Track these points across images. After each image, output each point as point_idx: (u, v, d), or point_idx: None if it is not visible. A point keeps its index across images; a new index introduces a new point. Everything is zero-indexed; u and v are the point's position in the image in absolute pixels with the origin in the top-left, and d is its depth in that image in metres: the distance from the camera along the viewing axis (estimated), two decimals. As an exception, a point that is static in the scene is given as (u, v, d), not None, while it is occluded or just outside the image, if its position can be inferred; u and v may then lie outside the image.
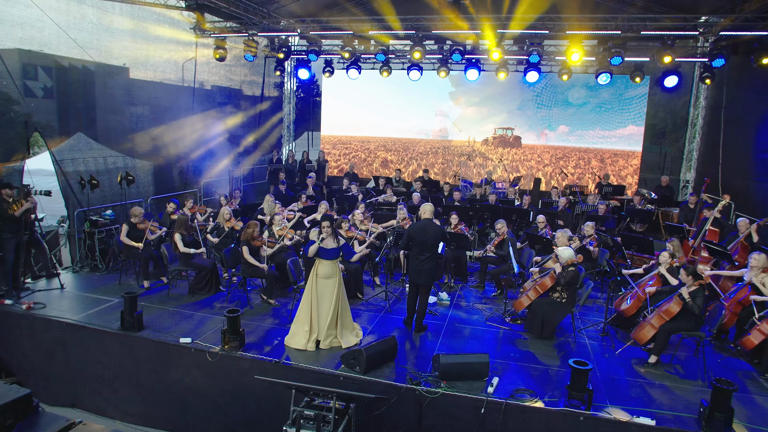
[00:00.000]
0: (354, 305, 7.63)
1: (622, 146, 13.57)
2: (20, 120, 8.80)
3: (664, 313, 5.89)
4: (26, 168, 8.54)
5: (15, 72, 8.44)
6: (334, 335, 6.21)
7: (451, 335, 6.75)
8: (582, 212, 10.83)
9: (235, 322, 5.97)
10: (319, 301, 6.13)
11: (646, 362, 6.02)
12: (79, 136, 9.57)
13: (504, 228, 8.48)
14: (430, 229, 6.50)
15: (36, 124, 8.94)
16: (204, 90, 12.96)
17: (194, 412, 6.20)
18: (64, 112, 9.40)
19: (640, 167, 13.58)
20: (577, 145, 13.88)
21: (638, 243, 8.34)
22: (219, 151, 13.04)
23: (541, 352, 6.29)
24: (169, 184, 11.69)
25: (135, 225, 8.17)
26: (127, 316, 6.43)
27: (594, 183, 13.31)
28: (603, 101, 13.47)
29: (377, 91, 15.34)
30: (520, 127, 14.28)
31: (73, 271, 8.79)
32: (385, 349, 5.72)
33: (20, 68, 8.62)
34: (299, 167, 15.07)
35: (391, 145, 15.68)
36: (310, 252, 6.06)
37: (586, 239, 8.48)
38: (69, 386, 6.77)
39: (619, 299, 7.03)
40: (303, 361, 5.82)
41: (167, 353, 6.21)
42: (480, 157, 14.81)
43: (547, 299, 6.72)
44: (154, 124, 11.24)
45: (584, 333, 6.91)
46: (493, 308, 7.75)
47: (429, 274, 6.59)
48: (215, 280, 8.00)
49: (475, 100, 14.61)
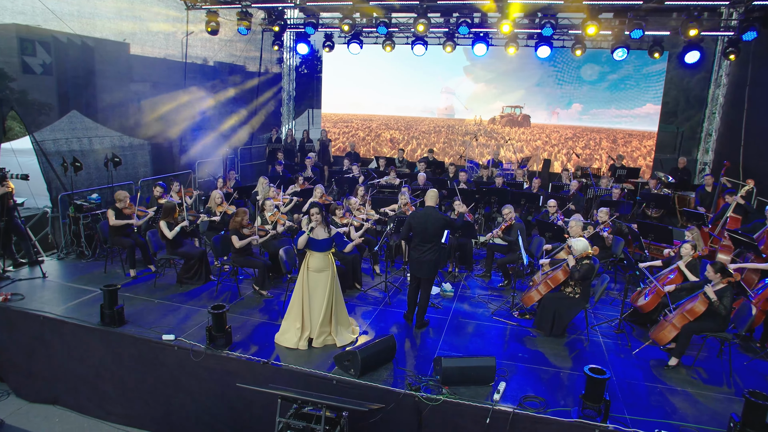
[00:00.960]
0: (351, 296, 7.21)
1: (638, 126, 12.87)
2: (15, 97, 8.43)
3: (687, 312, 5.39)
4: (11, 148, 8.13)
5: (12, 48, 8.11)
6: (327, 332, 5.76)
7: (454, 332, 6.30)
8: (594, 196, 10.25)
9: (220, 319, 5.53)
10: (311, 296, 5.67)
11: (666, 365, 5.55)
12: (73, 114, 9.18)
13: (511, 214, 7.94)
14: (432, 219, 5.98)
15: (31, 101, 8.60)
16: (207, 66, 12.52)
17: (180, 413, 5.82)
18: (63, 90, 9.08)
19: (655, 148, 12.91)
20: (589, 124, 13.19)
21: (656, 231, 7.79)
22: (214, 131, 12.48)
23: (551, 352, 5.83)
24: (168, 165, 11.22)
25: (121, 210, 7.70)
26: (106, 311, 6.01)
27: (607, 165, 12.69)
28: (619, 78, 12.71)
29: (380, 67, 14.63)
30: (529, 106, 13.58)
31: (58, 258, 8.37)
32: (383, 350, 5.28)
33: (18, 44, 8.24)
34: (299, 147, 14.51)
35: (393, 123, 15.04)
36: (299, 243, 5.58)
37: (599, 226, 7.94)
38: (50, 383, 6.40)
39: (636, 293, 6.54)
40: (294, 362, 5.39)
41: (149, 351, 5.80)
42: (484, 136, 14.16)
43: (558, 294, 6.23)
44: (154, 102, 10.79)
45: (598, 330, 6.43)
46: (500, 301, 7.28)
47: (431, 267, 6.10)
48: (205, 269, 7.55)
49: (483, 77, 13.90)
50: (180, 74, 11.53)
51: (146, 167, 10.84)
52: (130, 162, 10.41)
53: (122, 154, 10.14)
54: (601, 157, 13.18)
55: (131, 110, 10.37)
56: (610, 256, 8.01)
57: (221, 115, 12.82)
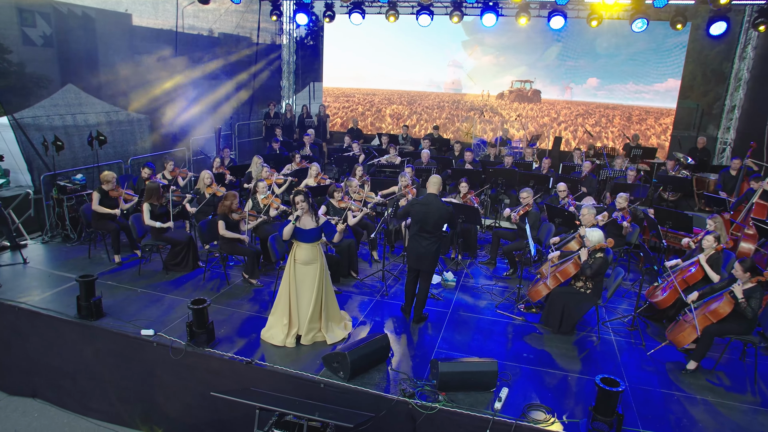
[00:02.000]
0: (347, 286, 6.80)
1: (655, 103, 12.14)
2: (13, 70, 8.05)
3: (710, 314, 4.91)
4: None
5: (12, 19, 7.74)
6: (317, 329, 5.35)
7: (454, 327, 5.87)
8: (608, 178, 9.67)
9: (201, 314, 5.13)
10: (298, 290, 5.24)
11: (684, 368, 5.10)
12: (69, 88, 8.76)
13: (530, 199, 7.39)
14: (434, 209, 5.48)
15: (29, 74, 8.22)
16: (211, 38, 12.07)
17: (160, 412, 5.48)
18: (63, 62, 8.74)
19: (673, 126, 12.20)
20: (604, 100, 12.46)
21: (674, 218, 7.24)
22: (209, 106, 11.93)
23: (558, 352, 5.40)
24: (167, 142, 10.75)
25: (107, 193, 7.27)
26: (83, 303, 5.63)
27: (620, 144, 12.04)
28: (637, 51, 11.92)
29: (383, 38, 13.91)
30: (541, 80, 12.86)
31: (42, 241, 8.00)
32: (375, 351, 4.86)
33: (17, 14, 7.86)
34: (298, 122, 13.94)
35: (396, 98, 14.38)
36: (284, 234, 5.12)
37: (618, 213, 7.38)
38: (28, 376, 6.08)
39: (652, 288, 6.05)
40: (280, 361, 4.99)
41: (127, 346, 5.43)
42: (490, 112, 13.48)
43: (568, 289, 5.76)
44: (156, 76, 10.33)
45: (609, 326, 5.98)
46: (505, 292, 6.83)
47: (431, 259, 5.63)
48: (192, 255, 7.14)
49: (492, 50, 13.15)
50: (184, 46, 11.10)
51: (145, 144, 10.37)
52: (129, 139, 9.99)
53: (120, 129, 9.72)
54: (609, 135, 12.49)
55: (131, 83, 9.92)
56: (624, 245, 7.50)
57: (216, 88, 12.25)
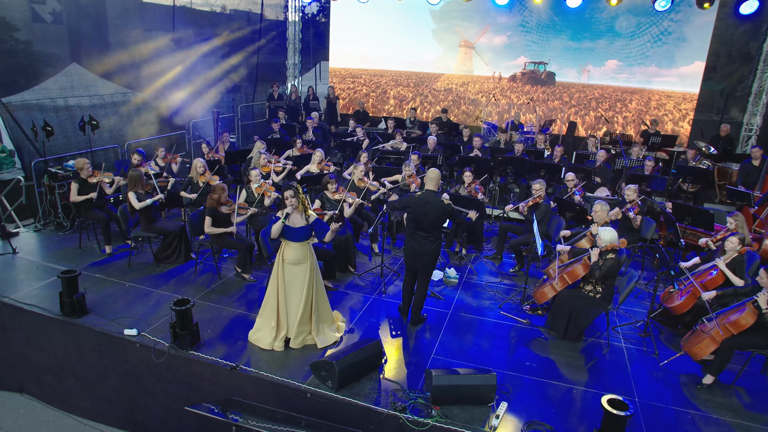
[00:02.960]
0: (344, 281, 6.50)
1: (677, 87, 11.48)
2: (20, 48, 7.84)
3: (731, 325, 4.51)
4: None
5: None
6: (307, 332, 5.06)
7: (454, 330, 5.54)
8: (623, 168, 9.16)
9: (185, 316, 4.86)
10: (287, 291, 4.94)
11: (700, 383, 4.73)
12: (73, 68, 8.55)
13: (542, 191, 6.96)
14: (431, 206, 5.11)
15: (36, 53, 8.03)
16: (223, 15, 11.89)
17: (144, 413, 5.28)
18: (72, 40, 8.60)
19: (695, 112, 11.55)
20: (624, 84, 11.82)
21: (694, 215, 6.77)
22: (210, 87, 11.56)
23: (564, 361, 5.05)
24: (168, 125, 10.48)
25: (86, 180, 6.99)
26: (65, 300, 5.39)
27: (637, 130, 11.47)
28: (661, 32, 11.21)
29: (391, 18, 13.34)
30: (557, 62, 12.24)
31: (35, 229, 7.79)
32: (366, 359, 4.56)
33: None
34: (304, 104, 13.52)
35: (404, 79, 13.86)
36: (272, 232, 4.79)
37: (626, 205, 6.95)
38: (13, 371, 5.91)
39: (668, 291, 5.64)
40: (266, 366, 4.72)
41: (110, 346, 5.20)
42: (498, 94, 12.90)
43: (576, 292, 5.39)
44: (160, 55, 10.07)
45: (620, 332, 5.61)
46: (510, 290, 6.47)
47: (429, 259, 5.29)
48: (185, 247, 6.88)
49: (505, 30, 12.53)
50: (194, 24, 10.91)
51: (143, 127, 10.08)
52: (127, 121, 9.71)
53: (118, 112, 9.46)
54: (621, 120, 11.88)
55: (137, 63, 9.70)
56: (638, 240, 7.07)
57: (218, 67, 11.88)
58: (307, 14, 14.71)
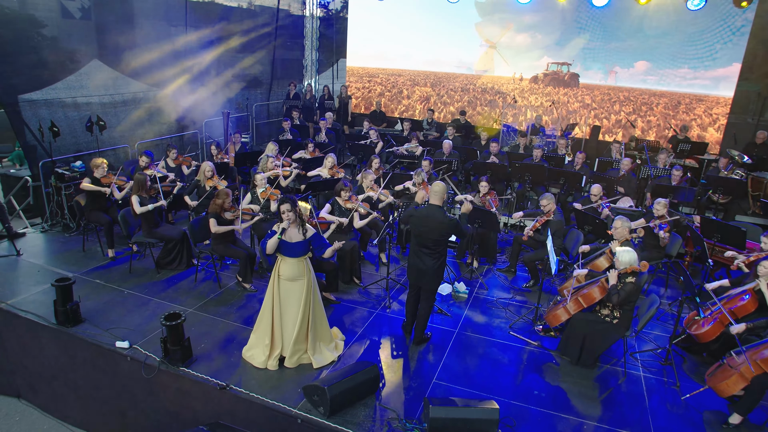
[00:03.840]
0: (348, 294, 6.25)
1: (711, 90, 10.82)
2: (46, 44, 7.84)
3: (763, 362, 4.09)
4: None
5: None
6: (303, 351, 4.81)
7: (459, 352, 5.23)
8: (648, 177, 8.66)
9: (175, 331, 4.67)
10: (282, 308, 4.70)
11: (726, 422, 4.33)
12: (95, 64, 8.50)
13: (551, 206, 6.56)
14: (434, 223, 4.80)
15: (62, 49, 8.02)
16: (246, 11, 11.79)
17: (134, 427, 5.12)
18: (100, 36, 8.58)
19: (728, 115, 10.86)
20: (654, 87, 11.23)
21: (724, 231, 6.29)
22: (225, 84, 11.42)
23: (576, 390, 4.70)
24: (182, 125, 10.40)
25: (99, 180, 6.88)
26: (59, 308, 5.26)
27: (667, 136, 10.88)
28: (695, 32, 10.57)
29: (410, 15, 13.00)
30: (582, 63, 11.72)
31: (42, 230, 7.73)
32: (360, 384, 4.29)
33: None
34: (319, 104, 13.28)
35: (422, 79, 13.49)
36: (268, 248, 4.55)
37: (655, 221, 6.49)
38: (9, 377, 5.84)
39: (692, 317, 5.22)
40: (258, 387, 4.49)
41: (101, 357, 5.05)
42: (514, 96, 12.43)
43: (592, 317, 5.01)
44: (185, 52, 10.06)
45: (638, 359, 5.22)
46: (522, 308, 6.12)
47: (433, 276, 4.98)
48: (187, 253, 6.72)
49: (528, 29, 12.06)
50: (215, 20, 10.83)
51: (165, 126, 10.03)
52: (148, 120, 9.66)
53: (141, 111, 9.40)
54: (645, 125, 11.31)
55: (160, 60, 9.62)
56: (662, 257, 6.63)
57: (235, 65, 11.74)
58: (331, 11, 14.45)
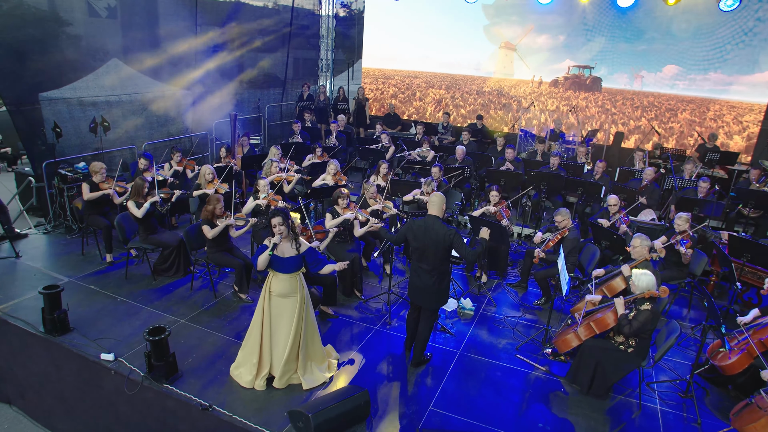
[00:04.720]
0: (347, 308, 5.98)
1: (745, 97, 10.18)
2: (71, 43, 7.86)
3: (795, 405, 3.68)
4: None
5: None
6: (293, 370, 4.55)
7: (460, 375, 4.90)
8: (673, 188, 8.17)
9: (159, 346, 4.45)
10: (273, 326, 4.44)
11: (752, 468, 3.92)
12: (113, 63, 8.44)
13: (566, 222, 6.16)
14: (433, 234, 4.47)
15: (84, 48, 8.01)
16: (263, 9, 11.79)
17: (120, 444, 4.93)
18: (125, 35, 8.63)
19: (764, 118, 10.10)
20: (683, 92, 10.64)
21: (754, 251, 5.82)
22: (237, 84, 11.26)
23: (585, 424, 4.33)
24: (191, 126, 10.28)
25: (97, 185, 6.74)
26: (47, 316, 5.10)
27: (694, 145, 10.32)
28: (726, 35, 9.99)
29: (426, 16, 12.66)
30: (605, 66, 11.20)
31: (45, 231, 7.65)
32: (347, 412, 4.00)
33: None
34: (332, 106, 13.05)
35: (438, 81, 13.13)
36: (259, 264, 4.27)
37: (677, 236, 6.06)
38: (1, 384, 5.72)
39: (718, 348, 4.79)
40: (243, 409, 4.24)
41: (86, 369, 4.87)
42: (531, 100, 11.97)
43: (605, 344, 4.63)
44: (201, 51, 10.01)
45: (656, 389, 4.81)
46: (532, 329, 5.75)
47: (433, 297, 4.67)
48: (183, 260, 6.52)
49: (549, 30, 11.61)
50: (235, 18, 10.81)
51: (173, 127, 9.92)
52: (172, 121, 9.63)
53: (151, 111, 9.31)
54: (665, 132, 10.76)
55: (181, 60, 9.61)
56: (685, 276, 6.18)
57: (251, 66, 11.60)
58: (354, 11, 14.21)
